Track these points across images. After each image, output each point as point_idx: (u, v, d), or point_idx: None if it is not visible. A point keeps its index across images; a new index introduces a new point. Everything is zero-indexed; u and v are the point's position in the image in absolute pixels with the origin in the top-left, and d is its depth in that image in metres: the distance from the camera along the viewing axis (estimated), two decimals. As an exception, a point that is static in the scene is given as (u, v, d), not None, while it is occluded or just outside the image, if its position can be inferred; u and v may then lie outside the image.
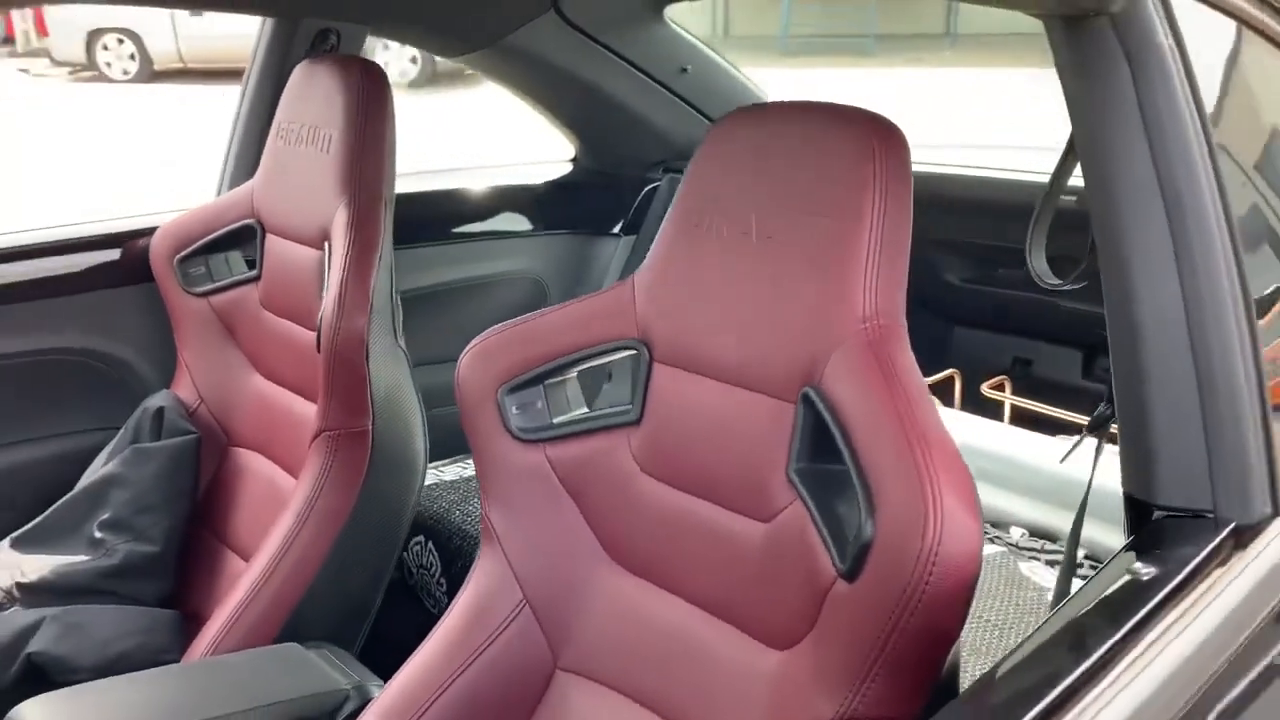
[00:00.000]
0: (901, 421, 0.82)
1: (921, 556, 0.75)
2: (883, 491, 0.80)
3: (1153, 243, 0.86)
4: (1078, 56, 0.86)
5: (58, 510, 1.60)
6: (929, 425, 0.82)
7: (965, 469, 0.79)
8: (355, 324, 1.33)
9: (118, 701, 1.14)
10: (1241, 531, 0.89)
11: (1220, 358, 0.86)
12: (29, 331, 1.71)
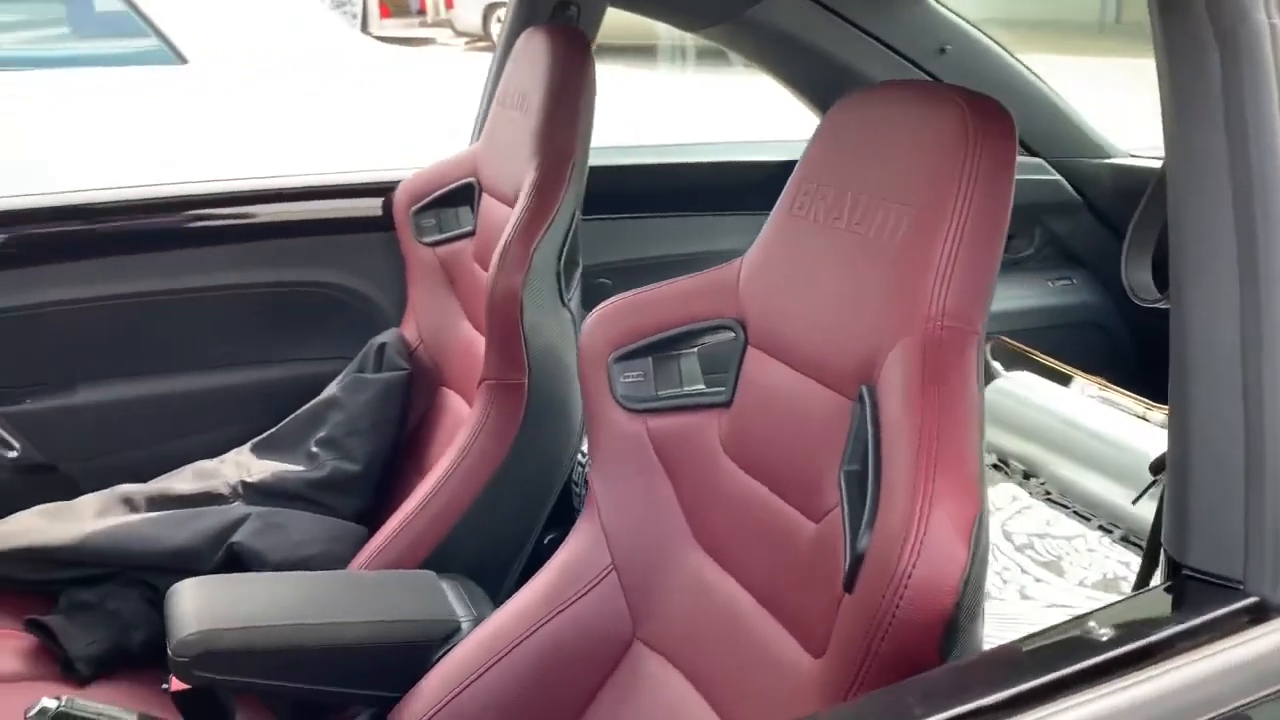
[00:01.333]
0: (922, 433, 0.75)
1: (895, 578, 0.69)
2: (884, 505, 0.74)
3: (1216, 264, 0.71)
4: (1167, 38, 0.73)
5: (288, 424, 1.82)
6: (952, 442, 0.74)
7: (975, 496, 0.71)
8: (511, 281, 1.40)
9: (256, 592, 1.28)
10: (1266, 610, 0.72)
11: (1274, 409, 0.69)
12: (291, 264, 1.95)
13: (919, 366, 0.79)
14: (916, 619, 0.68)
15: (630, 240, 2.16)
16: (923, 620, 0.68)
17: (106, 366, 1.92)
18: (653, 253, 2.16)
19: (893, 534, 0.71)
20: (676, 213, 2.18)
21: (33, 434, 1.86)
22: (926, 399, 0.77)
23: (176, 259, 1.92)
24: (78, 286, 1.86)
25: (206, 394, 1.95)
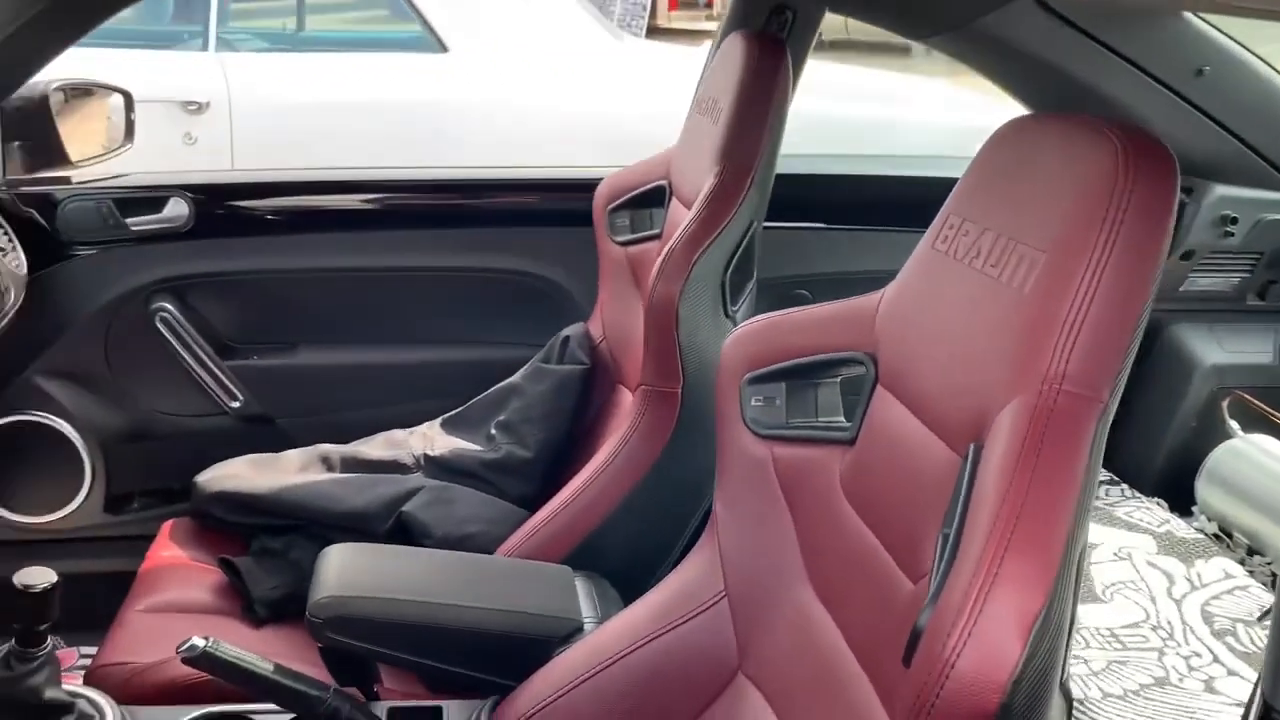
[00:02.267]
0: (1004, 507, 0.67)
1: (940, 665, 0.62)
2: (951, 580, 0.67)
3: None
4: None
5: (475, 404, 1.89)
6: (1037, 524, 0.66)
7: (1046, 587, 0.63)
8: (669, 289, 1.38)
9: (397, 566, 1.34)
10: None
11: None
12: (501, 252, 2.03)
13: (1022, 432, 0.71)
14: (957, 712, 0.61)
15: (840, 253, 2.10)
16: (963, 715, 0.61)
17: (326, 333, 2.07)
18: (862, 267, 2.08)
19: (949, 614, 0.64)
20: (890, 227, 2.09)
21: (255, 388, 2.04)
22: (1020, 470, 0.69)
23: (397, 238, 2.04)
24: (309, 256, 2.02)
25: (409, 368, 2.06)
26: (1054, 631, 0.63)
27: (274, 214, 2.03)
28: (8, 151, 1.88)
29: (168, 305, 1.96)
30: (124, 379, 2.00)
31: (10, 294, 1.76)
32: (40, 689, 1.25)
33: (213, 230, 1.97)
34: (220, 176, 2.02)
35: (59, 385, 1.96)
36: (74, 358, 1.96)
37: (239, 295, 2.04)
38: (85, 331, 1.95)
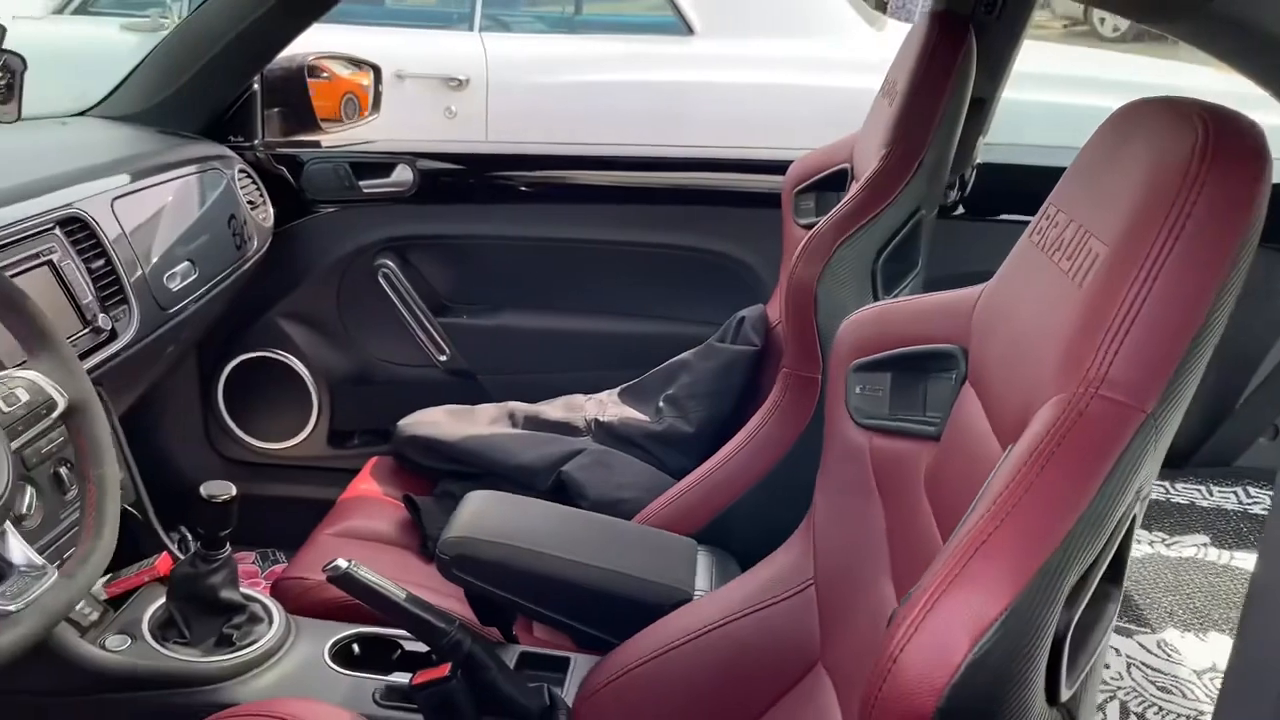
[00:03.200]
0: (995, 508, 0.63)
1: (885, 657, 0.60)
2: (927, 573, 0.64)
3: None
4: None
5: (650, 376, 1.94)
6: (1026, 529, 0.62)
7: (1009, 594, 0.59)
8: (807, 272, 1.35)
9: (529, 517, 1.40)
10: None
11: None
12: (694, 230, 2.06)
13: (1043, 433, 0.66)
14: (894, 710, 0.58)
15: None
16: (899, 714, 0.58)
17: (528, 298, 2.19)
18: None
19: (902, 611, 0.61)
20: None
21: (461, 345, 2.19)
22: (1026, 470, 0.64)
23: (598, 212, 2.12)
24: (517, 225, 2.14)
25: (598, 337, 2.14)
26: (1021, 641, 0.58)
27: (488, 183, 2.16)
28: (267, 116, 2.11)
29: (390, 263, 2.14)
30: (351, 326, 2.21)
31: (254, 242, 1.99)
32: (218, 588, 1.42)
33: (433, 195, 2.13)
34: (442, 146, 2.17)
35: (296, 328, 2.20)
36: (310, 304, 2.18)
37: (453, 257, 2.19)
38: (320, 281, 2.17)
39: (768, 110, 3.26)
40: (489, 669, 1.30)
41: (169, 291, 1.66)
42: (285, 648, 1.44)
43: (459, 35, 3.50)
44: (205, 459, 2.28)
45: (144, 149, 1.87)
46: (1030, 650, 0.60)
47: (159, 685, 1.35)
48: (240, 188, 2.00)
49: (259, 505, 2.27)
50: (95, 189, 1.58)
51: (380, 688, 1.38)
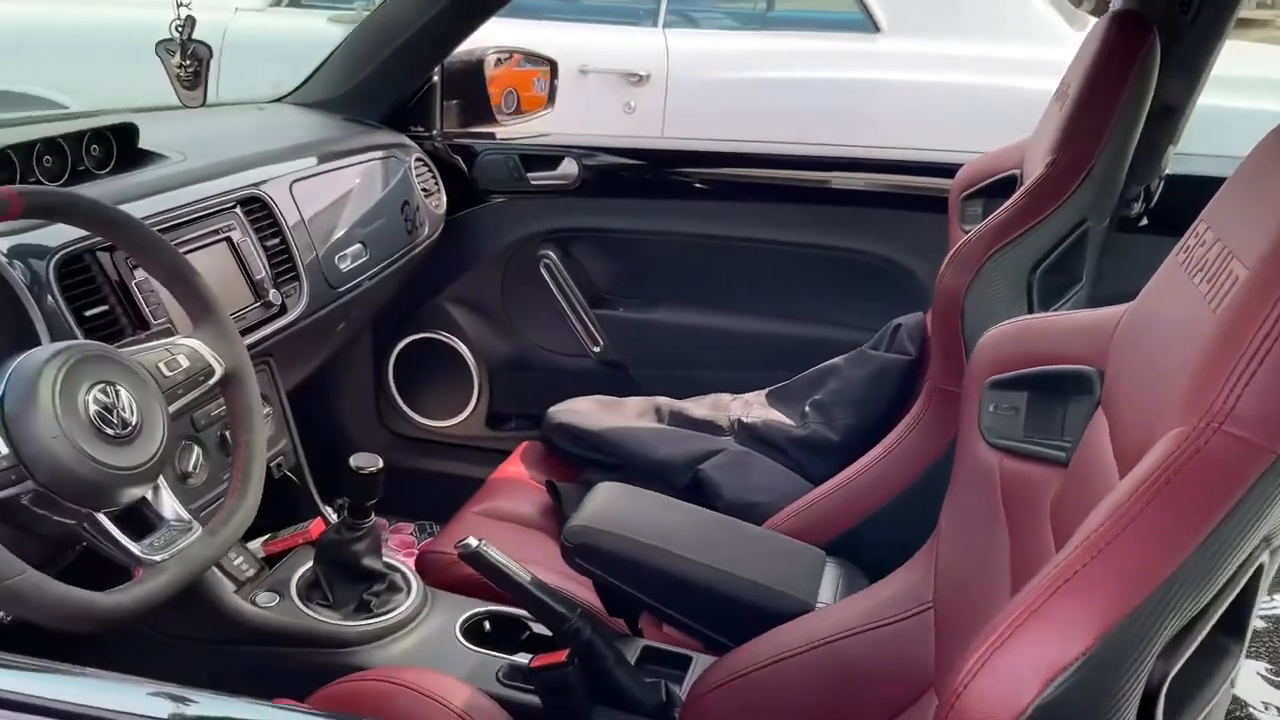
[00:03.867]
0: (1088, 543, 0.58)
1: (946, 696, 0.56)
2: (1003, 612, 0.60)
3: None
4: None
5: (800, 379, 1.91)
6: (1117, 569, 0.57)
7: (1088, 639, 0.54)
8: (955, 282, 1.29)
9: (656, 512, 1.40)
10: None
11: None
12: (857, 233, 2.02)
13: (1155, 466, 0.61)
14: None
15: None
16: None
17: (683, 294, 2.20)
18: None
19: (980, 642, 0.57)
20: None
21: (615, 337, 2.22)
22: (1129, 505, 0.59)
23: (759, 210, 2.10)
24: (677, 221, 2.15)
25: (752, 336, 2.12)
26: (1101, 690, 0.54)
27: (650, 178, 2.17)
28: (446, 108, 2.20)
29: (551, 253, 2.19)
30: (513, 313, 2.27)
31: (426, 228, 2.08)
32: (360, 555, 1.49)
33: (596, 189, 2.16)
34: (607, 140, 2.20)
35: (462, 312, 2.28)
36: (476, 290, 2.26)
37: (613, 250, 2.22)
38: (487, 268, 2.24)
39: (952, 111, 3.15)
40: (606, 659, 1.31)
41: (339, 271, 1.76)
42: (420, 618, 1.50)
43: (643, 31, 3.54)
44: (374, 433, 2.39)
45: (328, 135, 1.98)
46: (1112, 700, 0.55)
47: (299, 643, 1.43)
48: (416, 176, 2.09)
49: (420, 479, 2.38)
50: (277, 171, 1.69)
51: (504, 666, 1.42)
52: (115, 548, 1.03)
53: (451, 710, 1.27)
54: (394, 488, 2.35)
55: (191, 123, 1.81)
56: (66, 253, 1.25)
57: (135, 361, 1.10)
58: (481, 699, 1.31)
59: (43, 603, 0.92)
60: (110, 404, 1.03)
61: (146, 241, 1.18)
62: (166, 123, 1.73)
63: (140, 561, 1.04)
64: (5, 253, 1.19)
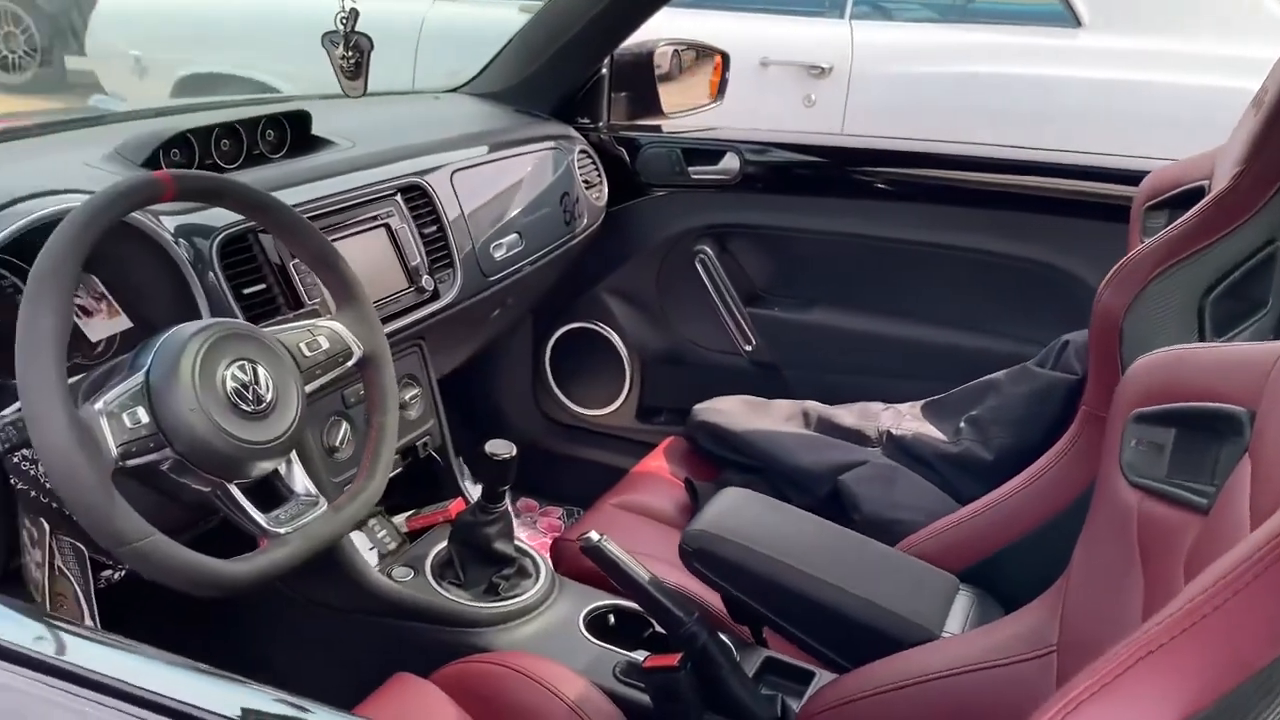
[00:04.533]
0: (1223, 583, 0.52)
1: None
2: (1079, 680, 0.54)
3: None
4: None
5: (956, 393, 1.82)
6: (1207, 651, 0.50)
7: (1209, 696, 0.48)
8: (1113, 303, 1.18)
9: (782, 523, 1.36)
10: None
11: None
12: (1028, 240, 1.91)
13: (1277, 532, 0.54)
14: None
15: None
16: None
17: (842, 296, 2.13)
18: None
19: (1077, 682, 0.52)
20: None
21: (769, 336, 2.18)
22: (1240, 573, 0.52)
23: (924, 212, 2.02)
24: (838, 220, 2.09)
25: (910, 344, 2.04)
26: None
27: (813, 176, 2.12)
28: (614, 100, 2.21)
29: (707, 249, 2.17)
30: (668, 307, 2.27)
31: (584, 219, 2.10)
32: (492, 538, 1.52)
33: (757, 185, 2.13)
34: (767, 136, 2.15)
35: (618, 303, 2.29)
36: (632, 282, 2.27)
37: (771, 248, 2.18)
38: (644, 261, 2.24)
39: (1154, 114, 2.92)
40: (721, 667, 1.29)
41: (493, 260, 1.79)
42: (545, 605, 1.52)
43: (829, 23, 3.45)
44: (531, 417, 2.44)
45: (496, 126, 2.02)
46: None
47: (428, 619, 1.47)
48: (579, 167, 2.11)
49: (572, 466, 2.42)
50: (439, 161, 1.74)
51: (622, 662, 1.42)
52: (244, 517, 1.08)
53: (563, 701, 1.28)
54: (546, 472, 2.41)
55: (365, 111, 1.88)
56: (229, 233, 1.33)
57: (276, 340, 1.16)
58: (594, 693, 1.31)
59: (168, 566, 0.97)
60: (247, 381, 1.08)
61: (293, 225, 1.23)
62: (342, 111, 1.81)
63: (266, 532, 1.09)
64: (172, 231, 1.28)
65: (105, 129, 1.57)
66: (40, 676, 0.63)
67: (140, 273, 1.29)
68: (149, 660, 0.65)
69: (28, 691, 0.62)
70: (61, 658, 0.65)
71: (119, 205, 1.03)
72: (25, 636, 0.65)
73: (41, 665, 0.63)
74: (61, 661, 0.64)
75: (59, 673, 0.63)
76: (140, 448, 1.00)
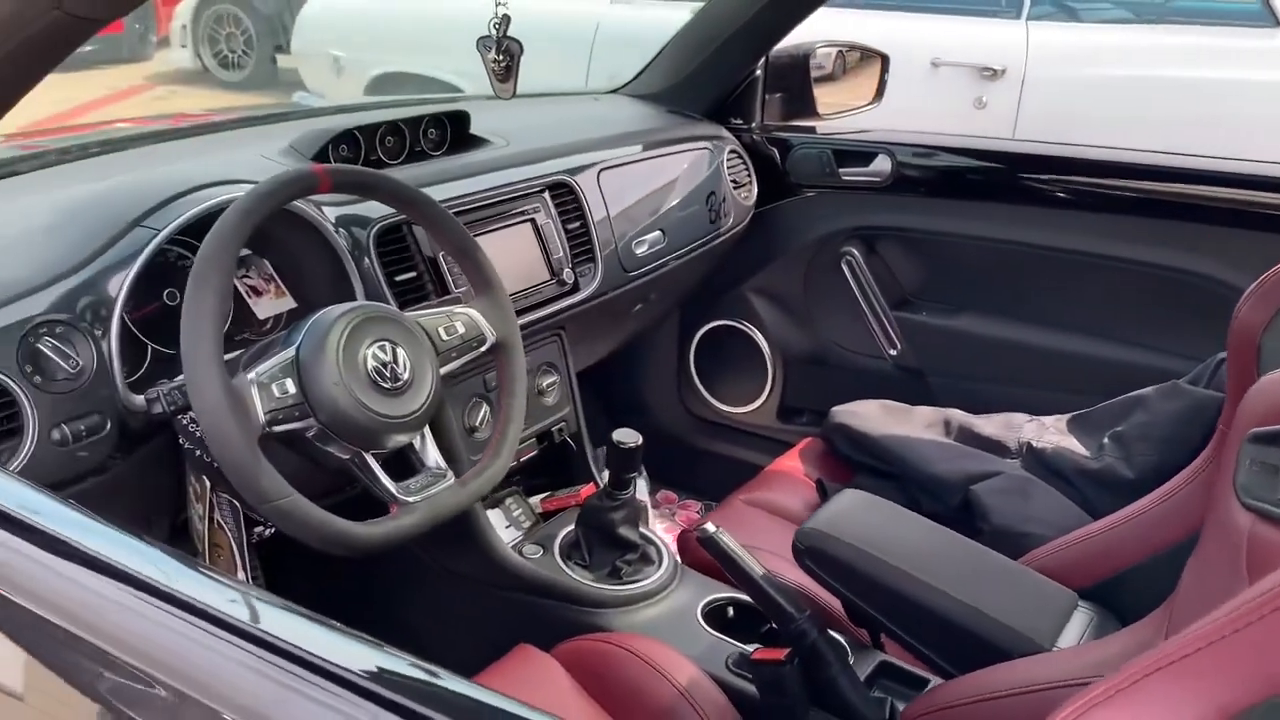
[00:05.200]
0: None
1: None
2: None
3: None
4: None
5: (1104, 408, 1.75)
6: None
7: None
8: (1251, 318, 1.12)
9: (899, 527, 1.35)
10: None
11: None
12: (1185, 250, 1.82)
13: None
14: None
15: None
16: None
17: (991, 304, 2.09)
18: None
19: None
20: None
21: (915, 341, 2.15)
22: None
23: (1081, 220, 1.95)
24: (992, 226, 2.05)
25: (1059, 354, 1.98)
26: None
27: (967, 179, 2.08)
28: (768, 100, 2.23)
29: (855, 251, 2.16)
30: (813, 308, 2.27)
31: (730, 219, 2.13)
32: (617, 524, 1.58)
33: (908, 188, 2.10)
34: (922, 138, 2.12)
35: (762, 302, 2.31)
36: (778, 281, 2.28)
37: (920, 252, 2.15)
38: (790, 261, 2.25)
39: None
40: (830, 665, 1.30)
41: (635, 256, 1.85)
42: (665, 592, 1.56)
43: (1005, 24, 3.36)
44: (674, 410, 2.50)
45: (649, 126, 2.08)
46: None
47: (553, 596, 1.54)
48: (729, 167, 2.15)
49: (711, 461, 2.46)
50: (588, 160, 1.81)
51: (735, 654, 1.45)
52: (377, 484, 1.17)
53: (673, 684, 1.32)
54: (687, 466, 2.46)
55: (524, 112, 1.97)
56: (385, 224, 1.43)
57: (416, 324, 1.25)
58: (705, 680, 1.35)
59: (305, 523, 1.07)
60: (387, 360, 1.17)
61: (438, 218, 1.32)
62: (501, 111, 1.91)
63: (396, 500, 1.18)
64: (333, 221, 1.39)
65: (286, 125, 1.72)
66: (191, 618, 0.69)
67: (305, 258, 1.41)
68: (294, 616, 0.71)
69: (180, 632, 0.69)
70: (209, 604, 0.71)
71: (277, 196, 1.14)
72: (187, 585, 0.72)
73: (196, 610, 0.70)
74: (214, 610, 0.71)
75: (212, 619, 0.69)
76: (286, 415, 1.10)
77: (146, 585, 0.70)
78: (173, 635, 0.69)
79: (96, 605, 0.72)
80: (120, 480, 1.19)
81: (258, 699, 0.63)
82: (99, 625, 0.71)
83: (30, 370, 1.08)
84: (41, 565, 0.75)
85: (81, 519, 0.79)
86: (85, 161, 1.46)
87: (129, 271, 1.17)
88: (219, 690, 0.64)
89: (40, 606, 0.73)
